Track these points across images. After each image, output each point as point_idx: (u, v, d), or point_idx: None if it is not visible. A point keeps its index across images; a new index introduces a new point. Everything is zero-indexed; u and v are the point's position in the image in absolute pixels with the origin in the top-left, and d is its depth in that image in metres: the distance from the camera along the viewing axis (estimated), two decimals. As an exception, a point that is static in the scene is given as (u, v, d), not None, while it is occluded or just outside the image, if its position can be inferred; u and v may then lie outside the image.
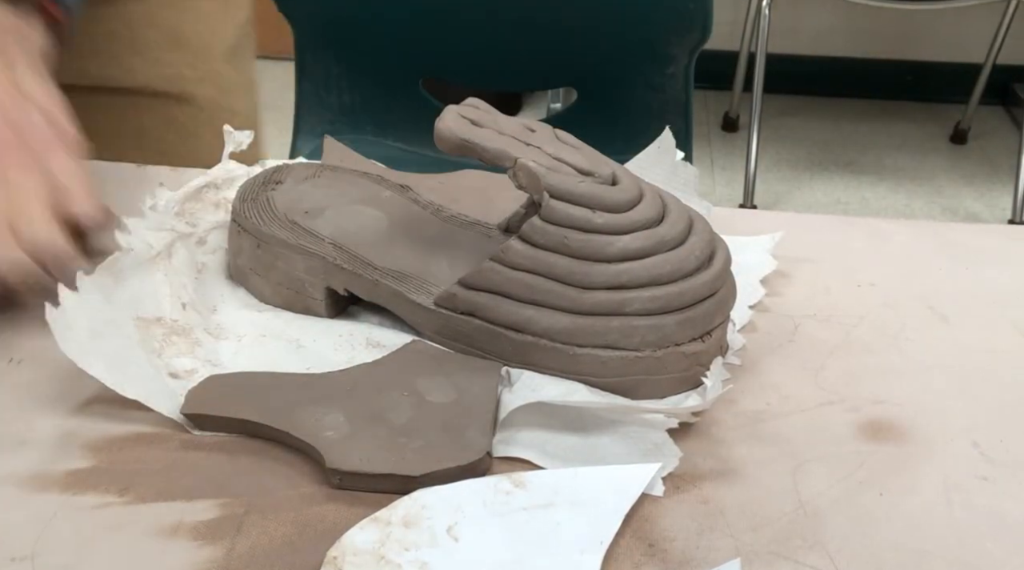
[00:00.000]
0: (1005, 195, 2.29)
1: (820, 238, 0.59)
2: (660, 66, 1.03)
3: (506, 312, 0.45)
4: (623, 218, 0.44)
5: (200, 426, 0.43)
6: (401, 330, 0.49)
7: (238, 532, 0.38)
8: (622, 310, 0.43)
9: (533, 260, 0.44)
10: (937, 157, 2.48)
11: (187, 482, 0.40)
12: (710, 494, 0.41)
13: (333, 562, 0.36)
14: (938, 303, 0.53)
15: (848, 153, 2.47)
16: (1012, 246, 0.59)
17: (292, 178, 0.54)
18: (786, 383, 0.47)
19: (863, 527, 0.39)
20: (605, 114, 1.08)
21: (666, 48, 1.02)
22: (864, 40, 2.64)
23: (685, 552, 0.38)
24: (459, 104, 0.47)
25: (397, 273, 0.48)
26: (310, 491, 0.40)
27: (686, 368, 0.44)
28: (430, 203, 0.53)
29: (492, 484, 0.39)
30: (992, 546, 0.38)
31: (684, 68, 1.03)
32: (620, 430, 0.43)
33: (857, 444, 0.43)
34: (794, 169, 2.42)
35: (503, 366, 0.45)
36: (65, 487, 0.40)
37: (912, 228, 0.61)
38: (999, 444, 0.44)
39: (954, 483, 0.41)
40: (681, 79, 1.03)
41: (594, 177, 0.45)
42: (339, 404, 0.43)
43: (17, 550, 0.37)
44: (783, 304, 0.53)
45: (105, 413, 0.43)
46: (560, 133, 0.48)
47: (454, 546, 0.37)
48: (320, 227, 0.50)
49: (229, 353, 0.47)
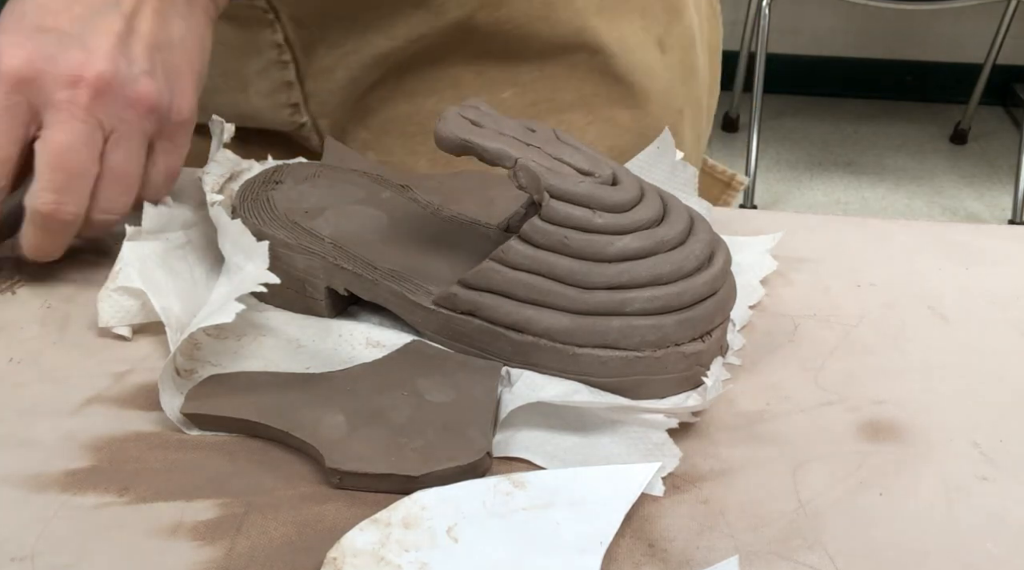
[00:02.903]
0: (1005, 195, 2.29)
1: (820, 238, 0.59)
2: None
3: (506, 312, 0.45)
4: (623, 218, 0.44)
5: (200, 426, 0.43)
6: (401, 330, 0.49)
7: (238, 532, 0.38)
8: (622, 310, 0.43)
9: (533, 260, 0.44)
10: (937, 157, 2.48)
11: (187, 482, 0.40)
12: (710, 494, 0.41)
13: (333, 563, 0.36)
14: (938, 303, 0.53)
15: (848, 153, 2.47)
16: (1012, 246, 0.59)
17: (292, 178, 0.54)
18: (786, 383, 0.47)
19: (863, 527, 0.39)
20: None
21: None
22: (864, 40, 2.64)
23: (685, 552, 0.38)
24: (459, 105, 0.47)
25: (397, 273, 0.48)
26: (310, 491, 0.40)
27: (686, 368, 0.44)
28: (430, 203, 0.53)
29: (492, 484, 0.39)
30: (992, 546, 0.38)
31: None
32: (620, 430, 0.43)
33: (857, 444, 0.43)
34: (794, 169, 2.42)
35: (503, 366, 0.45)
36: (65, 487, 0.40)
37: (912, 228, 0.61)
38: (999, 444, 0.44)
39: (954, 483, 0.41)
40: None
41: (594, 177, 0.45)
42: (339, 404, 0.43)
43: (17, 550, 0.37)
44: (783, 304, 0.53)
45: (105, 413, 0.43)
46: (560, 133, 0.48)
47: (454, 547, 0.37)
48: (320, 227, 0.50)
49: (229, 353, 0.47)
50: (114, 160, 0.49)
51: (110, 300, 0.48)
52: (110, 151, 0.48)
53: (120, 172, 0.49)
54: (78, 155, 0.47)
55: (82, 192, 0.48)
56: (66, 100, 0.47)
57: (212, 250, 0.51)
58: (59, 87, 0.47)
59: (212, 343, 0.47)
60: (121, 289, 0.48)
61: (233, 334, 0.48)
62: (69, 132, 0.47)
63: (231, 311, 0.42)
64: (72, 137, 0.47)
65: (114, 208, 0.50)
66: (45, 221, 0.48)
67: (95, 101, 0.47)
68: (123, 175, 0.49)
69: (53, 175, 0.47)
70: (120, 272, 0.48)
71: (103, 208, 0.50)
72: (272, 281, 0.43)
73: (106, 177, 0.49)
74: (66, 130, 0.47)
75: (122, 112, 0.48)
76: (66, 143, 0.47)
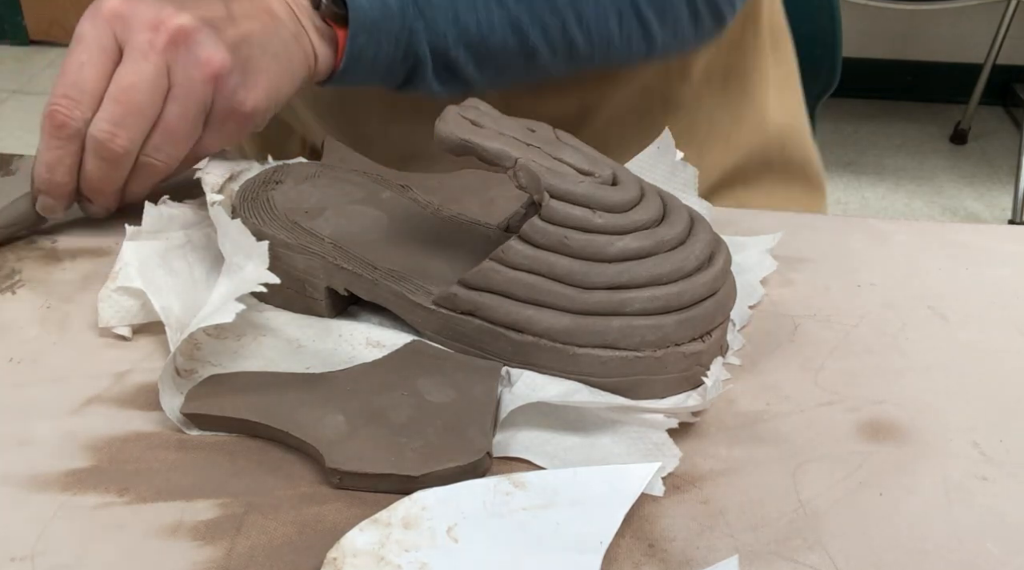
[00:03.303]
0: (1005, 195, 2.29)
1: (820, 238, 0.59)
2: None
3: (506, 312, 0.45)
4: (623, 218, 0.44)
5: (200, 426, 0.43)
6: (401, 330, 0.49)
7: (238, 532, 0.38)
8: (622, 310, 0.43)
9: (533, 260, 0.44)
10: (937, 157, 2.48)
11: (187, 482, 0.40)
12: (710, 494, 0.41)
13: (333, 563, 0.36)
14: (938, 303, 0.53)
15: (848, 153, 2.47)
16: (1012, 246, 0.59)
17: (292, 178, 0.54)
18: (786, 383, 0.47)
19: (863, 527, 0.39)
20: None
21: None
22: (864, 40, 2.64)
23: (685, 552, 0.38)
24: (459, 105, 0.47)
25: (397, 273, 0.48)
26: (310, 491, 0.40)
27: (686, 368, 0.44)
28: (430, 203, 0.53)
29: (492, 485, 0.39)
30: (992, 546, 0.38)
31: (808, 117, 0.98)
32: (620, 430, 0.43)
33: (857, 444, 0.43)
34: (794, 169, 2.41)
35: (503, 366, 0.45)
36: (65, 487, 0.40)
37: (912, 228, 0.61)
38: (999, 444, 0.44)
39: (954, 483, 0.41)
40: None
41: (594, 177, 0.45)
42: (339, 404, 0.43)
43: (17, 550, 0.37)
44: (783, 304, 0.53)
45: (105, 413, 0.43)
46: (560, 133, 0.48)
47: (454, 547, 0.37)
48: (320, 227, 0.50)
49: (229, 353, 0.47)
50: (170, 112, 0.51)
51: (110, 300, 0.48)
52: (168, 102, 0.51)
53: (172, 125, 0.51)
54: (139, 93, 0.50)
55: (136, 128, 0.51)
56: (144, 41, 0.50)
57: (212, 250, 0.51)
58: (142, 29, 0.50)
59: (212, 343, 0.47)
60: (121, 289, 0.48)
61: (233, 334, 0.48)
62: (137, 71, 0.50)
63: (231, 311, 0.42)
64: (138, 76, 0.50)
65: (159, 155, 0.52)
66: (98, 148, 0.51)
67: (169, 48, 0.50)
68: (175, 128, 0.52)
69: (113, 107, 0.50)
70: (120, 272, 0.48)
71: (149, 151, 0.52)
72: (272, 281, 0.43)
73: (159, 126, 0.51)
74: (135, 69, 0.50)
75: (190, 69, 0.51)
76: (132, 80, 0.50)
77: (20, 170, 0.62)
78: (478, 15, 0.58)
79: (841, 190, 2.31)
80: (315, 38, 0.55)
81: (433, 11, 0.57)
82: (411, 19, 0.56)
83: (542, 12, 0.60)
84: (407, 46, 0.57)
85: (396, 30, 0.56)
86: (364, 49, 0.56)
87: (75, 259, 0.54)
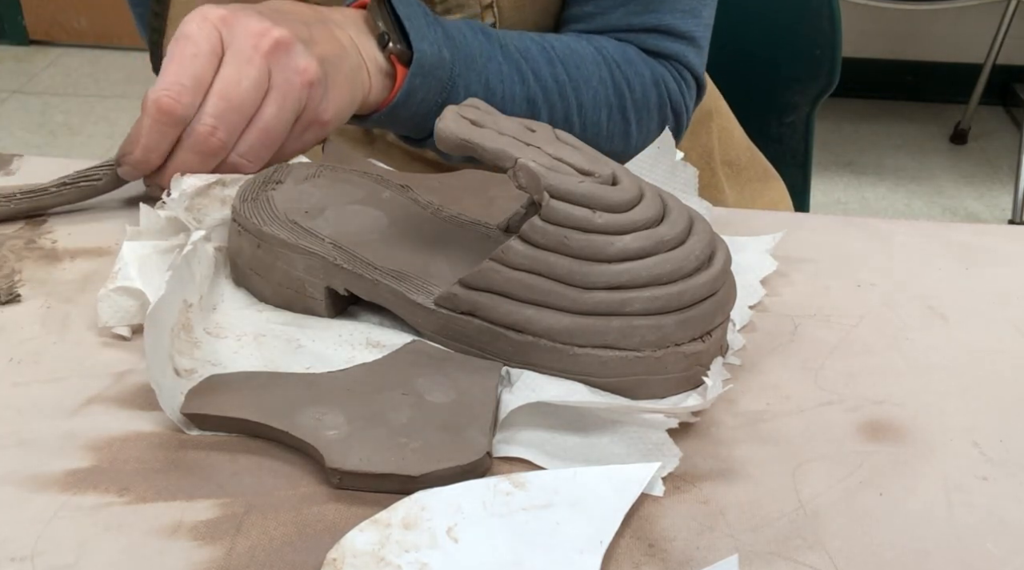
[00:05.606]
0: (1005, 195, 2.29)
1: (820, 238, 0.59)
2: (779, 115, 0.99)
3: (506, 312, 0.45)
4: (623, 218, 0.44)
5: (200, 426, 0.43)
6: (401, 330, 0.49)
7: (238, 532, 0.38)
8: (622, 310, 0.43)
9: (533, 260, 0.44)
10: (937, 157, 2.47)
11: (187, 482, 0.40)
12: (710, 494, 0.41)
13: (333, 564, 0.36)
14: (938, 303, 0.53)
15: (848, 153, 2.47)
16: (1012, 246, 0.59)
17: (292, 178, 0.54)
18: (786, 383, 0.47)
19: (863, 527, 0.39)
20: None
21: (787, 97, 0.98)
22: (864, 40, 2.64)
23: (685, 552, 0.38)
24: (459, 104, 0.47)
25: (397, 273, 0.48)
26: (310, 491, 0.40)
27: (686, 368, 0.44)
28: (430, 203, 0.53)
29: (492, 485, 0.39)
30: (992, 546, 0.38)
31: (806, 117, 0.98)
32: (620, 430, 0.43)
33: (857, 444, 0.43)
34: (794, 169, 2.41)
35: (503, 366, 0.45)
36: (65, 487, 0.40)
37: (912, 228, 0.61)
38: (999, 444, 0.44)
39: (954, 483, 0.41)
40: (801, 128, 0.99)
41: (594, 177, 0.45)
42: (339, 404, 0.43)
43: (17, 550, 0.37)
44: (783, 304, 0.53)
45: (105, 413, 0.43)
46: (560, 133, 0.48)
47: (454, 547, 0.37)
48: (320, 227, 0.50)
49: (229, 353, 0.47)
50: (266, 113, 0.54)
51: (110, 300, 0.48)
52: (266, 103, 0.54)
53: (267, 126, 0.55)
54: (242, 91, 0.53)
55: (234, 124, 0.54)
56: (250, 46, 0.54)
57: (212, 250, 0.51)
58: (248, 35, 0.54)
59: (212, 343, 0.47)
60: (121, 289, 0.48)
61: (233, 334, 0.48)
62: (241, 72, 0.53)
63: (162, 284, 0.44)
64: (242, 76, 0.53)
65: (250, 155, 0.55)
66: (197, 141, 0.53)
67: (271, 53, 0.54)
68: (269, 129, 0.55)
69: (217, 102, 0.53)
70: (120, 272, 0.48)
71: (242, 151, 0.55)
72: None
73: (254, 125, 0.54)
74: (240, 70, 0.53)
75: (289, 74, 0.55)
76: (235, 78, 0.53)
77: (20, 170, 0.62)
78: (504, 85, 0.65)
79: (841, 190, 2.31)
80: (373, 72, 0.61)
81: (469, 74, 0.63)
82: (455, 75, 0.63)
83: (552, 94, 0.67)
84: (446, 97, 0.63)
85: (445, 79, 0.62)
86: (418, 90, 0.61)
87: (75, 259, 0.54)
